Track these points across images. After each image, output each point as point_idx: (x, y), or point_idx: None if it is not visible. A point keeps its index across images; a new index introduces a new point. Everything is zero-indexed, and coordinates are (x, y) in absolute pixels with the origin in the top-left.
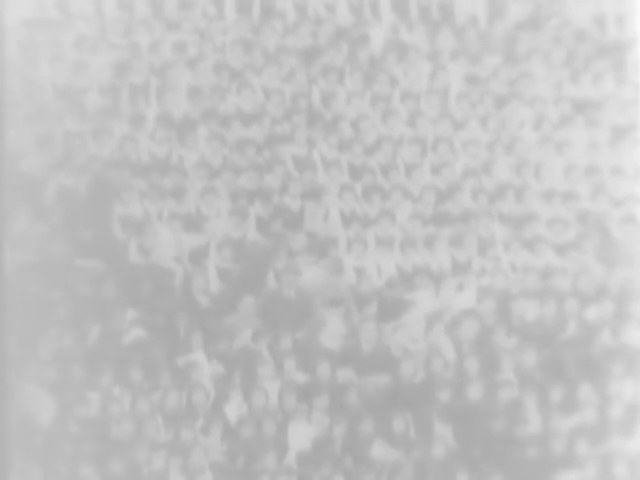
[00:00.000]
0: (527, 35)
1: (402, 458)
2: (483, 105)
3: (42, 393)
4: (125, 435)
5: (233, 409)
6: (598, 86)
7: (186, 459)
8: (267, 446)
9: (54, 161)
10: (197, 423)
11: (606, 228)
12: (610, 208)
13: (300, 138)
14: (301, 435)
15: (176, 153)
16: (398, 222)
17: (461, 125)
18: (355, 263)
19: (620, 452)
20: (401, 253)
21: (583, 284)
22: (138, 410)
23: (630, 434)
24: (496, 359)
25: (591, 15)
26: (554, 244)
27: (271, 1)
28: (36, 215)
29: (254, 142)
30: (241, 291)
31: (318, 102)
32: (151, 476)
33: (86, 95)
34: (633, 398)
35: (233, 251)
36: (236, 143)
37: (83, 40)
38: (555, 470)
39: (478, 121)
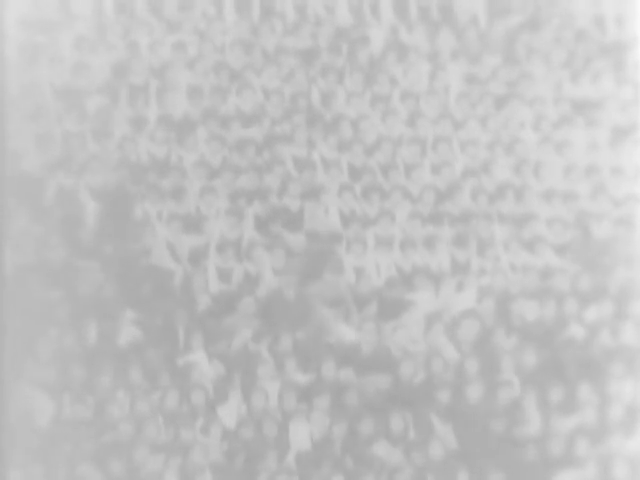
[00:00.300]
0: (527, 35)
1: (402, 458)
2: (483, 105)
3: (41, 393)
4: (125, 435)
5: (233, 409)
6: (598, 86)
7: (186, 459)
8: (267, 446)
9: (54, 161)
10: (197, 423)
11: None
12: (610, 208)
13: (300, 138)
14: (301, 435)
15: (175, 153)
16: (397, 222)
17: (461, 125)
18: (355, 263)
19: (620, 452)
20: (401, 253)
21: (583, 284)
22: (138, 410)
23: (630, 434)
24: (496, 359)
25: (591, 15)
26: (554, 244)
27: (271, 2)
28: (36, 215)
29: (254, 142)
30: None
31: (318, 102)
32: (150, 476)
33: (85, 95)
34: (633, 398)
35: (233, 251)
36: (236, 143)
37: (82, 40)
38: (555, 470)
39: (478, 121)
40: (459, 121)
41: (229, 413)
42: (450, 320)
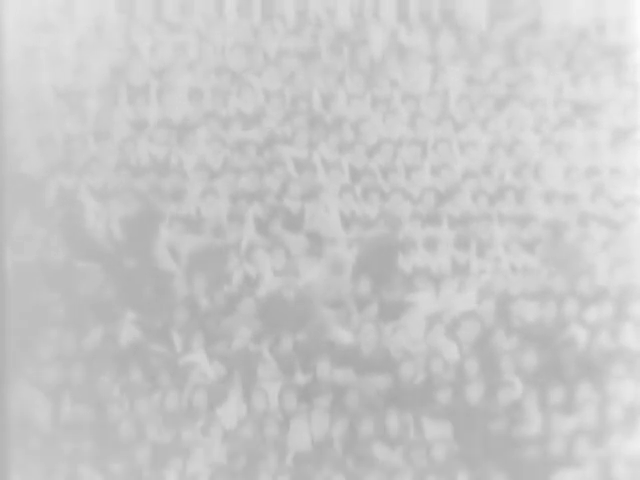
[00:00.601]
0: (527, 37)
1: (402, 459)
2: (483, 107)
3: (41, 394)
4: (125, 436)
5: (233, 410)
6: (598, 88)
7: (186, 460)
8: (267, 447)
9: (54, 163)
10: (197, 424)
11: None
12: (610, 209)
13: (300, 140)
14: (301, 436)
15: (176, 155)
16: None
17: (461, 127)
18: (355, 264)
19: (620, 453)
20: (401, 254)
21: (582, 285)
22: (138, 411)
23: (629, 435)
24: (496, 360)
25: (591, 18)
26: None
27: (271, 3)
28: (36, 217)
29: (254, 144)
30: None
31: (318, 104)
32: (151, 477)
33: (86, 97)
34: (632, 399)
35: (233, 252)
36: (236, 145)
37: (83, 42)
38: (555, 470)
39: (478, 123)
40: (459, 123)
41: (229, 414)
42: (450, 321)
